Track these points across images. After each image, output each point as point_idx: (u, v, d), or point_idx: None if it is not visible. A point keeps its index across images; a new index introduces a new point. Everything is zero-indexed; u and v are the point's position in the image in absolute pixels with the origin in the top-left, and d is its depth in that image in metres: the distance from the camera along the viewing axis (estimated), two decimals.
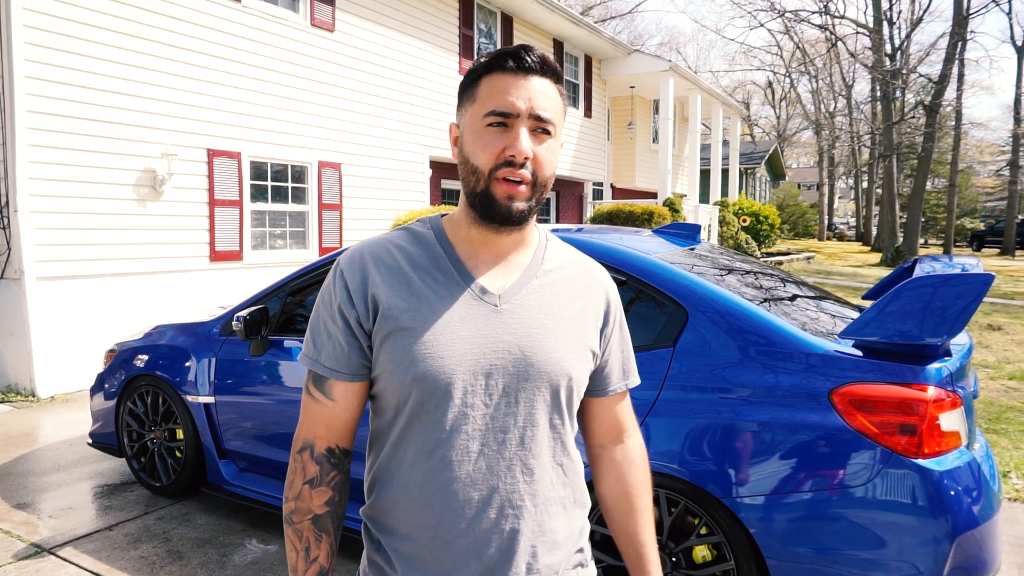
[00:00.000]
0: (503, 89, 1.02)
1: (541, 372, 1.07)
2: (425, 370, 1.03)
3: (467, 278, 1.09)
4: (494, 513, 1.06)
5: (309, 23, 8.54)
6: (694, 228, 3.56)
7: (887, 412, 2.10)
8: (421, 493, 1.07)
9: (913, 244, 22.01)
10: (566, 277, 1.16)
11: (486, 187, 1.03)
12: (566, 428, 1.13)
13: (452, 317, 1.06)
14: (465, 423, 1.05)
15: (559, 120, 1.06)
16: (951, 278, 2.07)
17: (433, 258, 1.10)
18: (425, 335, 1.04)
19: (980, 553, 2.12)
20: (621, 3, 62.03)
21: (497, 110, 1.02)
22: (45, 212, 6.03)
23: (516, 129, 1.02)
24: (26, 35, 5.80)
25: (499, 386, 1.06)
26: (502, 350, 1.06)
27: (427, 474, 1.06)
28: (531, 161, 1.02)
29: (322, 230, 8.80)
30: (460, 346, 1.04)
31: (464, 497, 1.05)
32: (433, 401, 1.04)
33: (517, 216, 1.04)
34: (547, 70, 1.05)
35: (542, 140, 1.04)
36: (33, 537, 3.39)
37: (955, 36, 22.37)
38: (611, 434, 1.25)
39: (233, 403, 3.50)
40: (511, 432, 1.07)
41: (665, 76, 14.71)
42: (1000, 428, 5.07)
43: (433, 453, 1.06)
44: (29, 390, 5.99)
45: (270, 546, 3.31)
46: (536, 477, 1.09)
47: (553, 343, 1.09)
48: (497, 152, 1.02)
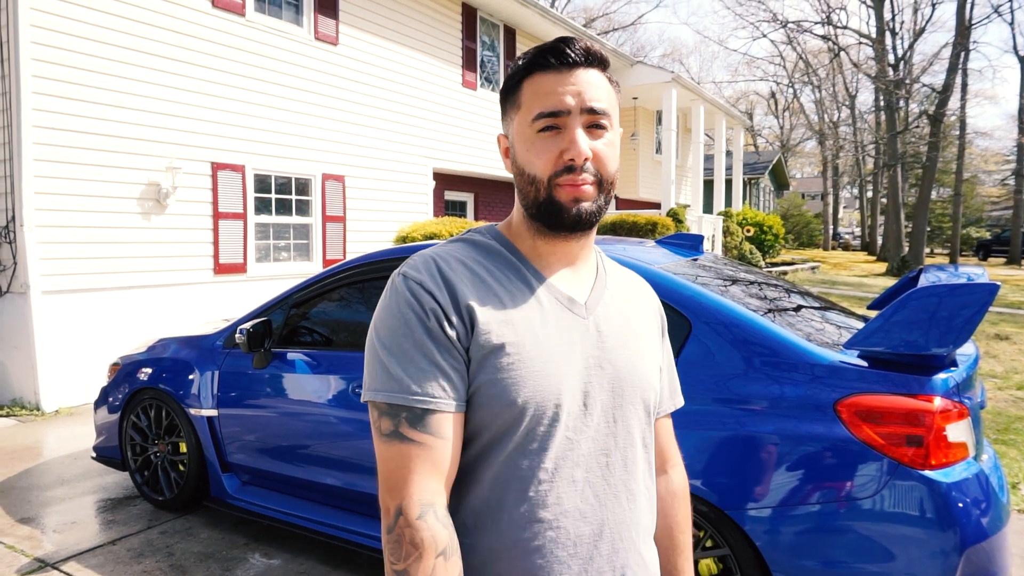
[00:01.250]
0: (549, 89, 0.93)
1: (634, 387, 0.99)
2: (534, 391, 0.91)
3: (552, 289, 0.99)
4: (606, 548, 0.95)
5: (313, 37, 8.60)
6: (697, 239, 3.55)
7: (893, 423, 2.08)
8: (526, 537, 0.91)
9: (919, 253, 21.94)
10: (627, 288, 1.09)
11: (549, 195, 0.94)
12: (652, 448, 1.05)
13: (549, 330, 0.95)
14: (570, 448, 0.93)
15: (614, 110, 0.97)
16: (957, 288, 2.05)
17: (510, 268, 0.99)
18: (531, 350, 0.92)
19: (989, 566, 2.09)
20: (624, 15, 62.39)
21: (546, 111, 0.93)
22: (50, 226, 6.05)
23: (570, 129, 0.93)
24: (32, 51, 5.85)
25: (598, 404, 0.96)
26: (595, 364, 0.96)
27: (531, 512, 0.91)
28: (591, 160, 0.93)
29: (326, 242, 8.82)
30: (562, 364, 0.94)
31: (576, 534, 0.93)
32: (542, 427, 0.91)
33: (586, 218, 0.95)
34: (593, 59, 0.96)
35: (599, 135, 0.95)
36: (37, 552, 3.38)
37: (958, 46, 22.40)
38: (656, 463, 1.13)
39: (236, 416, 3.49)
40: (614, 455, 0.97)
41: (668, 87, 14.75)
42: (1009, 439, 5.03)
43: (539, 487, 0.92)
44: (34, 404, 5.99)
45: (273, 560, 3.29)
46: (637, 504, 0.99)
47: (639, 356, 1.01)
48: (554, 157, 0.93)
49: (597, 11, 38.36)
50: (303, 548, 3.41)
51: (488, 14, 11.73)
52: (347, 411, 3.06)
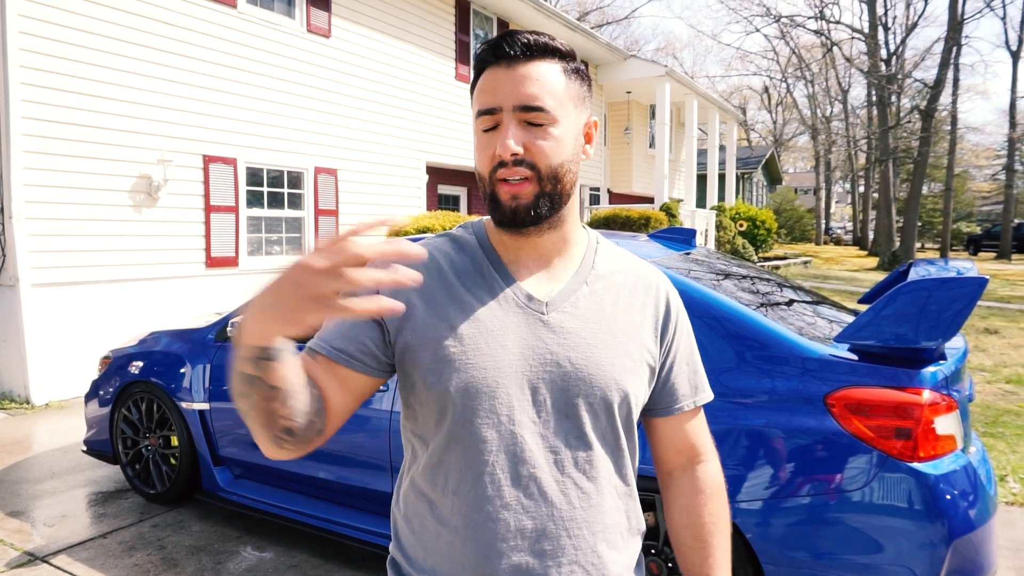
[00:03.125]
0: (488, 86, 0.95)
1: (595, 387, 0.98)
2: (467, 380, 0.94)
3: (511, 284, 1.00)
4: (549, 544, 0.96)
5: (305, 29, 8.55)
6: (690, 233, 3.56)
7: (883, 416, 2.10)
8: (465, 524, 0.96)
9: (910, 248, 22.05)
10: (619, 283, 1.06)
11: (492, 191, 0.96)
12: (623, 449, 1.04)
13: (495, 325, 0.97)
14: (514, 443, 0.95)
15: (558, 101, 0.95)
16: (946, 282, 2.07)
17: (476, 263, 1.02)
18: (467, 342, 0.95)
19: (976, 557, 2.11)
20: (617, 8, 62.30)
21: (482, 108, 0.95)
22: (40, 219, 6.01)
23: (504, 125, 0.94)
24: (21, 41, 5.79)
25: (548, 402, 0.96)
26: (550, 362, 0.97)
27: (472, 502, 0.95)
28: (528, 154, 0.93)
29: (318, 236, 8.79)
30: (504, 357, 0.95)
31: (516, 527, 0.95)
32: (476, 418, 0.95)
33: (524, 216, 0.95)
34: (535, 52, 0.95)
35: (535, 131, 0.94)
36: (27, 545, 3.37)
37: (950, 41, 22.47)
38: (680, 459, 1.13)
39: (228, 410, 3.49)
40: (563, 453, 0.97)
41: (661, 81, 14.75)
42: (997, 432, 5.07)
43: (480, 478, 0.95)
44: (24, 397, 5.96)
45: (265, 553, 3.29)
46: (593, 502, 0.99)
47: (607, 356, 0.99)
48: (491, 155, 0.95)
49: (591, 4, 38.24)
50: (295, 541, 3.41)
51: (481, 7, 11.70)
52: None
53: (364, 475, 3.01)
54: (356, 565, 3.18)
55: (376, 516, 3.03)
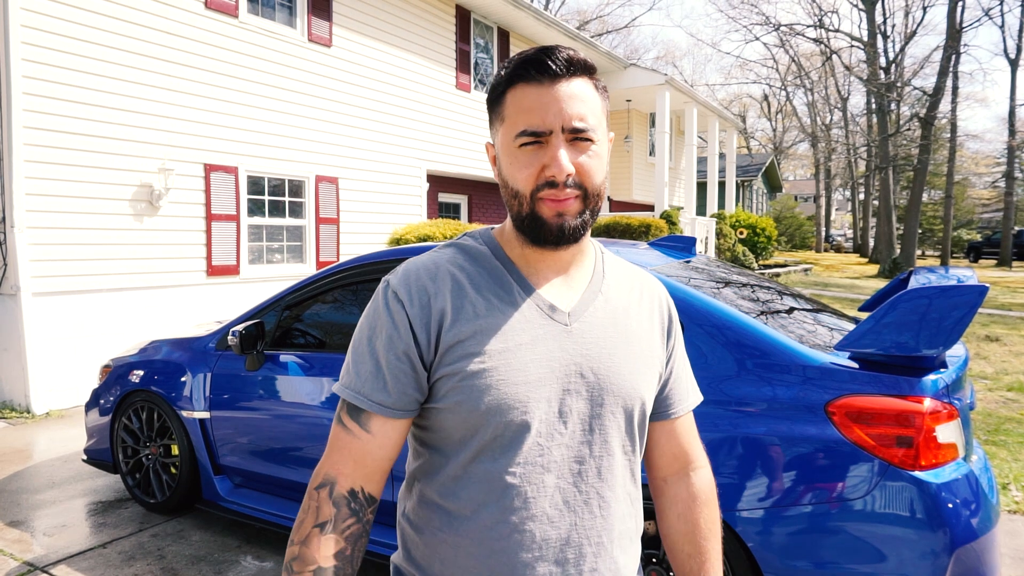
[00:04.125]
0: (530, 105, 0.92)
1: (616, 396, 0.99)
2: (500, 399, 0.93)
3: (535, 296, 0.99)
4: (572, 553, 0.97)
5: (306, 39, 8.59)
6: (690, 240, 3.56)
7: (884, 424, 2.09)
8: (491, 537, 0.95)
9: (910, 255, 22.05)
10: (627, 291, 1.08)
11: (532, 210, 0.94)
12: (636, 456, 1.05)
13: (523, 338, 0.96)
14: (541, 455, 0.95)
15: (600, 121, 0.96)
16: (946, 290, 2.06)
17: (494, 275, 1.00)
18: (497, 360, 0.94)
19: (979, 566, 2.10)
20: (617, 17, 62.52)
21: (528, 130, 0.92)
22: (42, 228, 6.02)
23: (552, 146, 0.92)
24: (24, 51, 5.82)
25: (574, 412, 0.97)
26: (575, 373, 0.97)
27: (498, 515, 0.95)
28: (576, 174, 0.93)
29: (319, 244, 8.80)
30: (534, 370, 0.95)
31: (542, 537, 0.95)
32: (509, 433, 0.94)
33: (571, 233, 0.95)
34: (576, 69, 0.94)
35: (584, 148, 0.94)
36: (26, 555, 3.36)
37: (949, 49, 22.55)
38: (675, 465, 1.13)
39: (229, 418, 3.48)
40: (588, 463, 0.98)
41: (661, 90, 14.79)
42: (999, 440, 5.06)
43: (507, 491, 0.95)
44: (24, 406, 5.96)
45: (265, 563, 3.28)
46: (612, 510, 1.00)
47: (626, 364, 1.00)
48: (536, 172, 0.93)
49: (591, 13, 38.44)
50: None
51: (482, 16, 11.75)
52: None
53: None
54: (357, 574, 3.17)
55: (376, 525, 3.03)
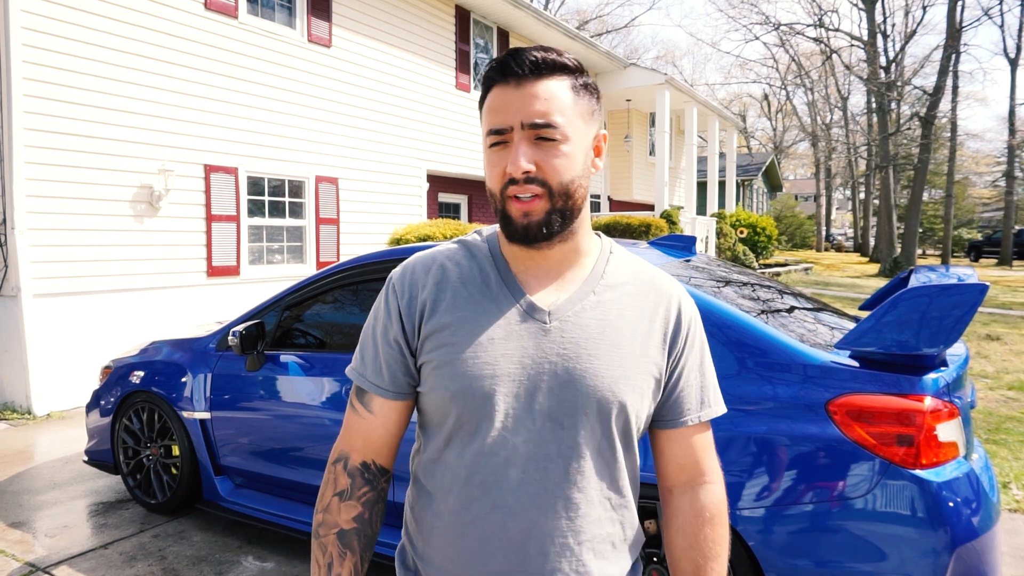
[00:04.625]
0: (497, 105, 0.97)
1: (590, 398, 0.98)
2: (464, 387, 0.98)
3: (517, 293, 1.02)
4: (533, 549, 0.98)
5: (306, 39, 8.59)
6: (690, 240, 3.56)
7: (884, 423, 2.09)
8: (457, 522, 1.00)
9: (911, 255, 22.05)
10: (630, 293, 1.05)
11: (503, 208, 0.98)
12: (618, 461, 1.03)
13: (496, 334, 0.99)
14: (505, 448, 0.98)
15: (568, 118, 0.97)
16: (947, 288, 2.06)
17: (484, 272, 1.05)
18: (467, 351, 0.99)
19: (979, 564, 2.10)
20: (617, 17, 62.50)
21: (493, 128, 0.97)
22: (42, 229, 6.03)
23: (513, 144, 0.96)
24: (24, 53, 5.83)
25: (544, 410, 0.98)
26: (548, 371, 0.98)
27: (463, 501, 0.99)
28: (539, 171, 0.95)
29: (319, 244, 8.80)
30: (503, 364, 0.98)
31: (502, 529, 0.98)
32: (473, 422, 0.99)
33: (536, 232, 0.97)
34: (543, 69, 0.96)
35: (547, 146, 0.96)
36: (28, 556, 3.36)
37: (949, 48, 22.54)
38: (682, 476, 1.09)
39: (229, 419, 3.48)
40: (554, 461, 0.98)
41: (661, 89, 14.79)
42: (999, 439, 5.06)
43: (471, 479, 0.99)
44: (25, 408, 5.96)
45: (266, 563, 3.28)
46: (581, 512, 0.99)
47: (606, 366, 0.99)
48: (501, 172, 0.97)
49: (590, 13, 38.47)
50: (296, 551, 3.40)
51: (481, 16, 11.75)
52: (341, 413, 3.05)
53: None
54: None
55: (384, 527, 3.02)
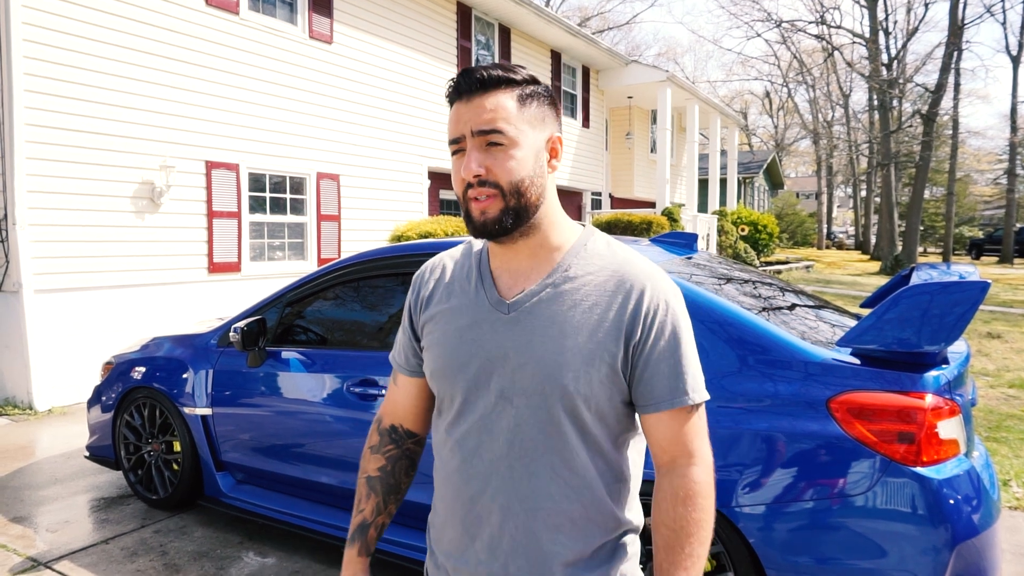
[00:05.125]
0: (452, 119, 1.10)
1: (534, 380, 1.09)
2: (439, 367, 1.17)
3: (488, 287, 1.16)
4: (484, 507, 1.13)
5: (307, 35, 8.58)
6: (691, 237, 3.56)
7: (885, 420, 2.09)
8: (438, 477, 1.21)
9: (912, 252, 22.03)
10: (588, 284, 1.11)
11: (466, 209, 1.10)
12: (569, 442, 1.09)
13: (465, 322, 1.15)
14: (466, 420, 1.14)
15: (515, 124, 1.07)
16: (948, 285, 2.06)
17: (470, 269, 1.20)
18: (443, 337, 1.17)
19: (980, 562, 2.11)
20: (619, 14, 62.39)
21: (450, 138, 1.10)
22: (43, 225, 6.03)
23: (467, 152, 1.08)
24: (26, 48, 5.82)
25: (496, 389, 1.11)
26: (500, 356, 1.11)
27: (443, 462, 1.19)
28: (490, 174, 1.06)
29: (320, 241, 8.80)
30: (466, 348, 1.13)
31: (464, 488, 1.15)
32: (448, 396, 1.17)
33: (492, 227, 1.08)
34: (489, 84, 1.08)
35: (495, 151, 1.07)
36: (30, 551, 3.37)
37: (951, 46, 22.49)
38: (664, 457, 1.13)
39: (231, 415, 3.49)
40: (501, 434, 1.12)
41: (663, 86, 14.77)
42: (1000, 436, 5.06)
43: (445, 444, 1.18)
44: (26, 403, 5.97)
45: (267, 559, 3.29)
46: (530, 484, 1.11)
47: (551, 353, 1.07)
48: (460, 179, 1.09)
49: (592, 10, 38.35)
50: (297, 547, 3.41)
51: (483, 13, 11.73)
52: (341, 409, 3.06)
53: None
54: None
55: (408, 529, 3.03)
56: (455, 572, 1.18)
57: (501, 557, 1.12)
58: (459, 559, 1.17)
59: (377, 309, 3.35)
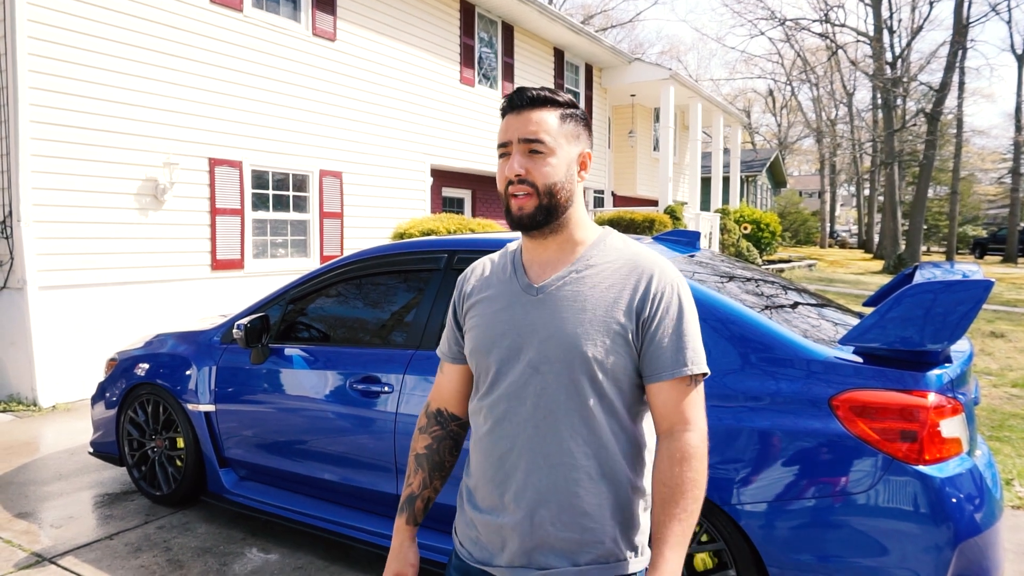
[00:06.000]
0: (503, 128, 1.30)
1: (559, 350, 1.26)
2: (477, 345, 1.35)
3: (520, 276, 1.35)
4: (511, 464, 1.29)
5: (311, 33, 8.58)
6: (694, 235, 3.56)
7: (888, 419, 2.09)
8: (472, 444, 1.38)
9: (915, 251, 21.97)
10: (606, 270, 1.30)
11: (506, 205, 1.30)
12: (588, 404, 1.26)
13: (500, 305, 1.34)
14: (498, 388, 1.31)
15: (555, 136, 1.28)
16: (951, 284, 2.06)
17: (506, 265, 1.39)
18: (481, 320, 1.35)
19: (982, 560, 2.11)
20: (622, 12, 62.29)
21: (499, 143, 1.31)
22: (48, 222, 6.05)
23: (512, 155, 1.28)
24: (30, 46, 5.84)
25: (525, 360, 1.28)
26: (530, 331, 1.28)
27: (475, 427, 1.37)
28: (528, 175, 1.26)
29: (323, 238, 8.82)
30: (500, 327, 1.32)
31: (494, 448, 1.31)
32: (483, 371, 1.35)
33: (528, 221, 1.28)
34: (537, 102, 1.28)
35: (535, 156, 1.27)
36: (34, 546, 3.38)
37: (955, 44, 22.41)
38: (664, 424, 1.28)
39: (234, 411, 3.50)
40: (528, 399, 1.28)
41: (666, 84, 14.75)
42: (1003, 435, 5.05)
43: (479, 412, 1.35)
44: (31, 399, 5.99)
45: (270, 555, 3.30)
46: (550, 441, 1.26)
47: (573, 326, 1.26)
48: (503, 176, 1.29)
49: (595, 8, 38.25)
50: (300, 543, 3.42)
51: (486, 10, 11.72)
52: (345, 406, 3.07)
53: (370, 476, 3.02)
54: (361, 567, 3.19)
55: (381, 517, 3.04)
56: (484, 526, 1.32)
57: (525, 507, 1.27)
58: (488, 512, 1.32)
59: (380, 306, 3.36)
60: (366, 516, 3.08)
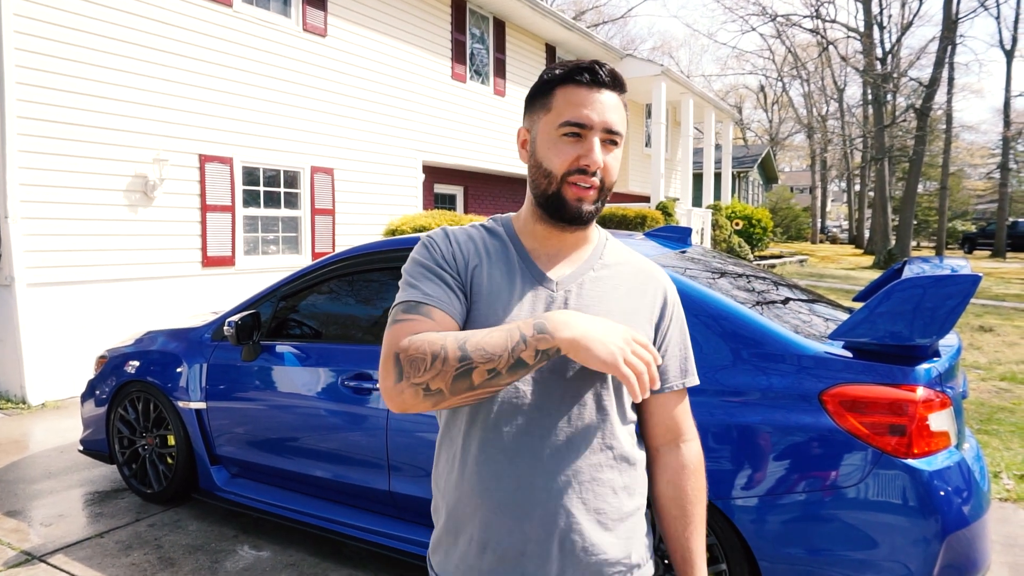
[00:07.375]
0: (578, 102, 1.10)
1: None
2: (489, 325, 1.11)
3: (531, 266, 1.19)
4: (538, 483, 1.11)
5: (301, 28, 8.54)
6: (685, 231, 3.57)
7: (877, 413, 2.11)
8: (480, 458, 1.14)
9: (905, 246, 22.11)
10: (623, 273, 1.23)
11: (558, 190, 1.13)
12: (613, 414, 1.17)
13: (513, 296, 1.15)
14: (515, 396, 1.12)
15: (623, 130, 1.15)
16: (940, 279, 2.08)
17: (505, 251, 1.20)
18: (489, 309, 1.14)
19: (970, 552, 2.13)
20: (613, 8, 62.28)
21: (572, 121, 1.10)
22: (36, 218, 6.00)
23: (590, 140, 1.10)
24: (16, 41, 5.78)
25: (549, 364, 1.11)
26: None
27: (481, 443, 1.14)
28: (600, 170, 1.12)
29: (315, 235, 8.79)
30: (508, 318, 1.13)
31: (511, 466, 1.12)
32: None
33: (586, 217, 1.14)
34: (617, 84, 1.13)
35: (610, 150, 1.13)
36: (24, 545, 3.36)
37: (945, 40, 22.53)
38: (667, 436, 1.25)
39: (225, 409, 3.49)
40: (557, 409, 1.13)
41: (657, 80, 14.76)
42: (991, 429, 5.10)
43: (486, 421, 1.13)
44: (20, 397, 5.95)
45: (262, 552, 3.29)
46: (581, 455, 1.13)
47: None
48: (571, 159, 1.11)
49: (587, 4, 38.22)
50: (292, 540, 3.42)
51: (478, 6, 11.69)
52: (336, 403, 3.06)
53: (361, 473, 3.02)
54: (353, 564, 3.19)
55: (373, 514, 3.04)
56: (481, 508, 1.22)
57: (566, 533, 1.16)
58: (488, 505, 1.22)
59: (371, 303, 3.35)
60: (358, 513, 3.08)
